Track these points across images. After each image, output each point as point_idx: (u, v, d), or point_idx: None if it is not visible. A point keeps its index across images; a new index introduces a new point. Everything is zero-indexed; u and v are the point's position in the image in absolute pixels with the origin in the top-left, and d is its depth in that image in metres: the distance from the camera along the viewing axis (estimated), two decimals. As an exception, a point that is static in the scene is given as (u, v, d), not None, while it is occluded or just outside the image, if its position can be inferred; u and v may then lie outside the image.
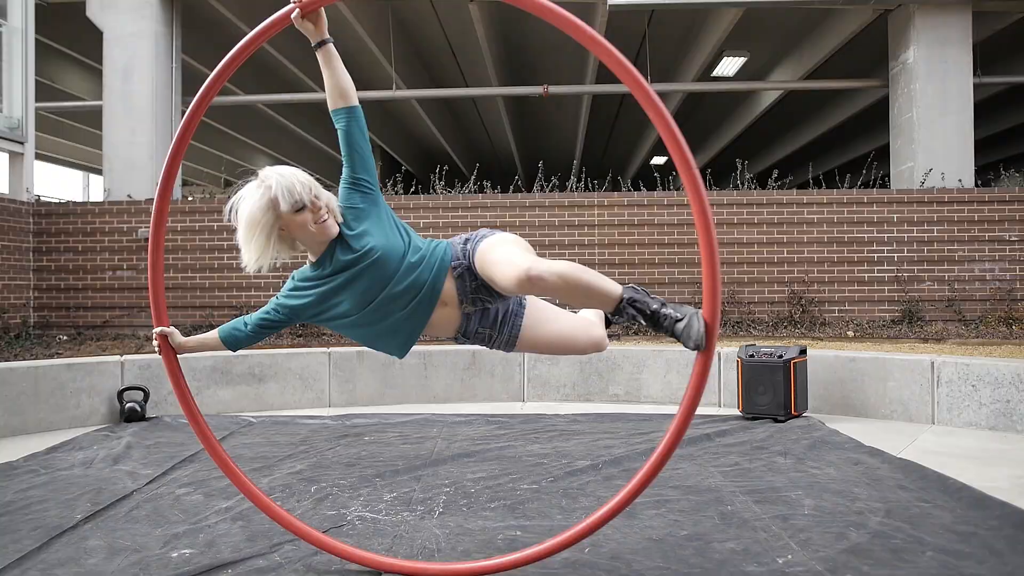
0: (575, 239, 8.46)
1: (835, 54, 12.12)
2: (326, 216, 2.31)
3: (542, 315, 2.64)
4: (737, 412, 5.29)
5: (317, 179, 2.42)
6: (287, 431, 4.95)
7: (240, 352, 6.08)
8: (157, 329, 2.58)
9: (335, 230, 2.34)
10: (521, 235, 9.66)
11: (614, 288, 2.23)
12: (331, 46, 2.37)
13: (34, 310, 8.60)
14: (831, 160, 19.83)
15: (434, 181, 9.12)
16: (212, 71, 2.42)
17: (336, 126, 2.40)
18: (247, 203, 2.29)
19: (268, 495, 3.42)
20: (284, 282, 9.09)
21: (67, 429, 5.14)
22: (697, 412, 5.76)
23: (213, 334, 2.59)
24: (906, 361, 5.14)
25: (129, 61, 9.39)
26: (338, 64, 2.37)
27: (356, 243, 2.34)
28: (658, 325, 2.20)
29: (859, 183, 9.24)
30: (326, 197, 2.34)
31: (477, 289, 2.43)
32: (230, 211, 2.35)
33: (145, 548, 2.75)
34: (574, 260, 8.74)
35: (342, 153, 2.42)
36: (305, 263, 2.47)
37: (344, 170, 2.43)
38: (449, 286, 2.42)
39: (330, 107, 2.40)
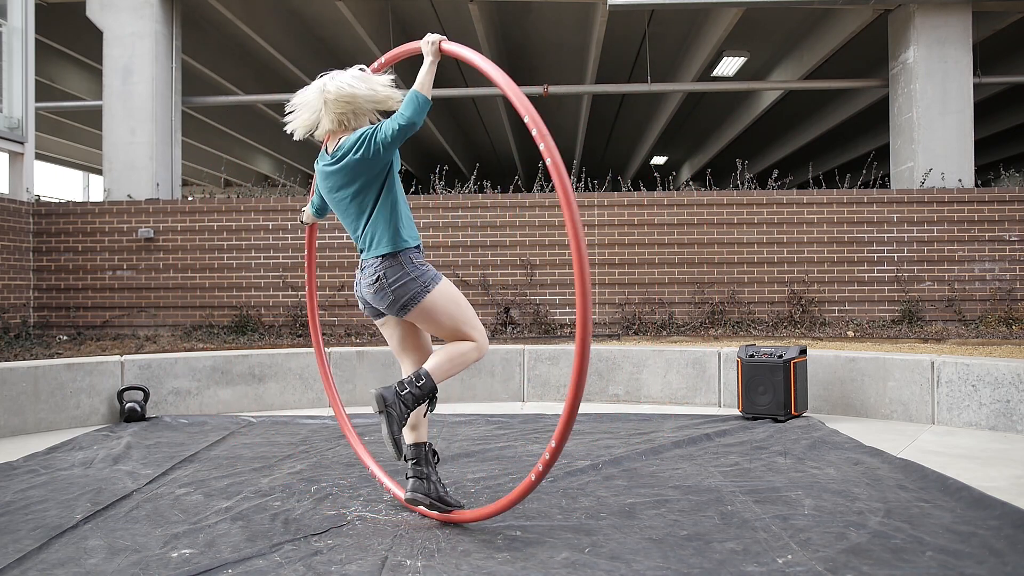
0: (575, 239, 8.44)
1: (835, 54, 12.13)
2: None
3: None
4: (737, 412, 5.30)
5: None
6: (287, 431, 4.96)
7: (240, 352, 6.08)
8: None
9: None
10: (521, 235, 9.57)
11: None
12: None
13: (34, 310, 8.61)
14: (831, 160, 19.84)
15: (434, 181, 9.11)
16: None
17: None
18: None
19: (268, 495, 3.43)
20: (282, 284, 8.92)
21: (67, 429, 5.14)
22: (697, 412, 5.73)
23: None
24: (906, 361, 5.14)
25: (129, 61, 9.39)
26: None
27: None
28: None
29: (859, 183, 9.25)
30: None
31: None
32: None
33: (145, 548, 2.75)
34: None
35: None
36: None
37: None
38: None
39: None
